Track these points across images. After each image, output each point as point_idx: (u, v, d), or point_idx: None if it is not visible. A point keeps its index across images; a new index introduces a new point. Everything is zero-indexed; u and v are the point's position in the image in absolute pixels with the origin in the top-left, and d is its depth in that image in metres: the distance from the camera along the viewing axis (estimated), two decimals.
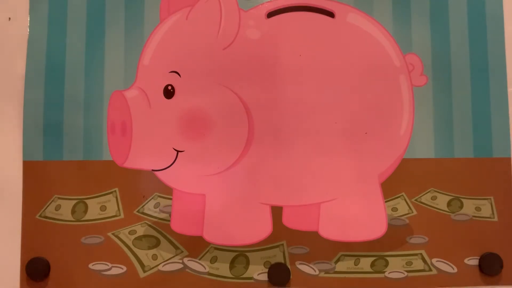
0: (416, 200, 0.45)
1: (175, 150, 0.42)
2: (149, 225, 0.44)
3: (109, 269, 0.43)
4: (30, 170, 0.44)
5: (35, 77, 0.45)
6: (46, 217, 0.44)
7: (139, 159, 0.42)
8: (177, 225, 0.44)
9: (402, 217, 0.44)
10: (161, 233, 0.44)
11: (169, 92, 0.43)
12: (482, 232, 0.45)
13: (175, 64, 0.43)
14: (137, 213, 0.44)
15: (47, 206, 0.44)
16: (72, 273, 0.43)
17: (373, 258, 0.44)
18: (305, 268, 0.44)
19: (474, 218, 0.45)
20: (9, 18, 0.45)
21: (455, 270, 0.44)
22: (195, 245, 0.44)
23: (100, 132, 0.44)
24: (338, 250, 0.44)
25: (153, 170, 0.43)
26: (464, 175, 0.45)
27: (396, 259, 0.44)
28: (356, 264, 0.44)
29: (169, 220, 0.44)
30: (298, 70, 0.44)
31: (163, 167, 0.43)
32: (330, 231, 0.44)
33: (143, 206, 0.44)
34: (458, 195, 0.45)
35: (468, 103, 0.45)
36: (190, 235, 0.44)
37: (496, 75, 0.46)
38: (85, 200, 0.44)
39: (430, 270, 0.44)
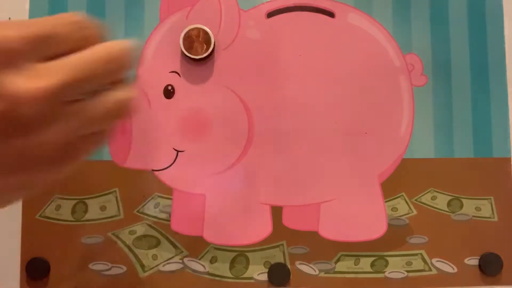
0: (416, 200, 0.44)
1: (175, 150, 0.42)
2: (149, 225, 0.44)
3: (109, 269, 0.43)
4: None
5: None
6: (46, 217, 0.44)
7: (139, 159, 0.42)
8: (177, 225, 0.44)
9: (402, 217, 0.44)
10: (161, 233, 0.44)
11: (169, 92, 0.43)
12: (482, 232, 0.45)
13: (175, 64, 0.43)
14: (137, 213, 0.44)
15: (47, 206, 0.44)
16: (72, 273, 0.43)
17: (373, 258, 0.44)
18: (305, 268, 0.44)
19: (474, 218, 0.45)
20: (9, 18, 0.45)
21: (455, 270, 0.44)
22: (195, 245, 0.43)
23: None
24: (338, 250, 0.44)
25: (153, 170, 0.43)
26: (464, 175, 0.45)
27: (396, 259, 0.44)
28: (356, 264, 0.44)
29: (169, 220, 0.44)
30: (298, 70, 0.44)
31: (163, 167, 0.43)
32: (330, 231, 0.44)
33: (143, 206, 0.44)
34: (458, 195, 0.45)
35: (468, 103, 0.45)
36: (190, 235, 0.44)
37: (496, 75, 0.45)
38: (85, 200, 0.44)
39: (430, 270, 0.44)
